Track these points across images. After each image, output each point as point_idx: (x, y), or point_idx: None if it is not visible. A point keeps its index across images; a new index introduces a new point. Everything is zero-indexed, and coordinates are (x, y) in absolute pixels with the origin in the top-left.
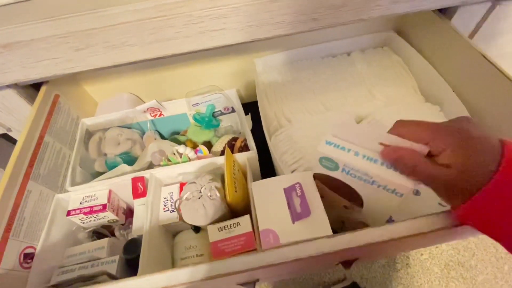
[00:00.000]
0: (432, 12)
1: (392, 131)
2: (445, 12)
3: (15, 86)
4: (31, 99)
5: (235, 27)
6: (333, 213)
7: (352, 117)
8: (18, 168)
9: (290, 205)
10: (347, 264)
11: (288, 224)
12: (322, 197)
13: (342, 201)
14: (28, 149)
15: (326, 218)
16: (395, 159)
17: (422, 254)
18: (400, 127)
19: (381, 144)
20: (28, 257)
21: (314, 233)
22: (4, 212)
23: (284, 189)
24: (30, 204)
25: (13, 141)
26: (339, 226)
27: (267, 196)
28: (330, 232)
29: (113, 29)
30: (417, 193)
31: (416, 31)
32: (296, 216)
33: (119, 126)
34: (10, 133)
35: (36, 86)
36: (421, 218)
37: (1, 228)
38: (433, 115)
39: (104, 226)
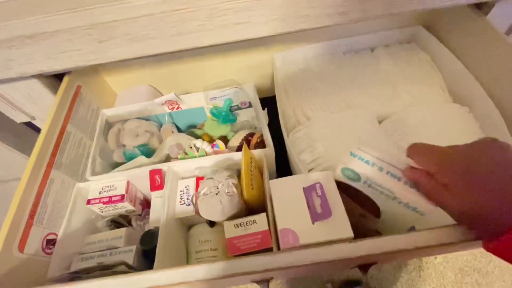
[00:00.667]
0: (466, 7)
1: (406, 154)
2: (481, 7)
3: (39, 76)
4: (54, 89)
5: (259, 21)
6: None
7: (374, 116)
8: (42, 157)
9: (309, 205)
10: (364, 268)
11: (308, 225)
12: None
13: (359, 210)
14: (51, 138)
15: (347, 219)
16: (414, 182)
17: (436, 258)
18: (412, 152)
19: (407, 165)
20: (50, 243)
21: (335, 234)
22: (28, 199)
23: (303, 188)
24: (53, 192)
25: (37, 130)
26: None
27: (286, 195)
28: (351, 233)
29: (136, 21)
30: None
31: (447, 26)
32: (316, 217)
33: (138, 118)
34: (34, 122)
35: (59, 77)
36: (449, 227)
37: (25, 215)
38: (462, 116)
39: (121, 216)
